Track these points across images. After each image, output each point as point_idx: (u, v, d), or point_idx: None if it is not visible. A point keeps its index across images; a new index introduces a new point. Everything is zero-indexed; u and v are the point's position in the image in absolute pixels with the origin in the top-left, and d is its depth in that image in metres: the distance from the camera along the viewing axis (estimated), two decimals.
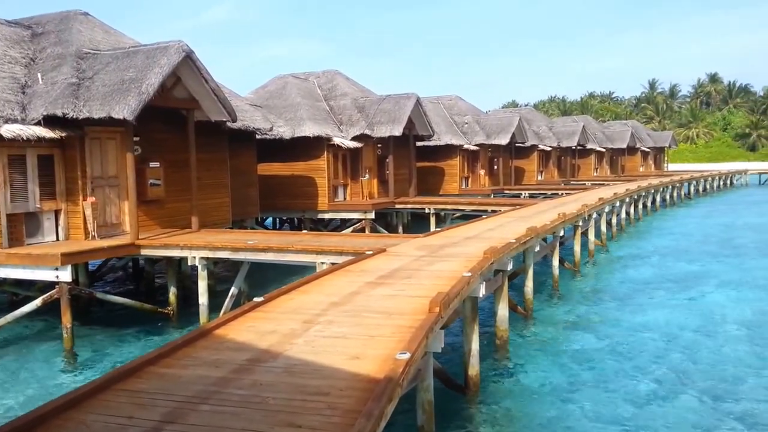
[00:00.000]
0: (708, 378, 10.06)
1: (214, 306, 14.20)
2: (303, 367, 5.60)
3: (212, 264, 15.51)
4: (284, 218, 29.80)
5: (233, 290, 14.56)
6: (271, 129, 21.12)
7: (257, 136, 21.31)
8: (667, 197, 42.63)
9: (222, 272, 18.34)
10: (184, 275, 16.95)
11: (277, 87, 27.63)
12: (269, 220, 30.04)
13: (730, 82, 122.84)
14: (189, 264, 14.64)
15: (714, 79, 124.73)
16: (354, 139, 26.06)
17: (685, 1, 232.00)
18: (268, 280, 16.68)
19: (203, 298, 14.08)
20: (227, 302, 14.34)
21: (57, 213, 14.55)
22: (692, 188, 50.93)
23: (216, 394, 4.98)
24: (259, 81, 29.92)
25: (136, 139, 14.95)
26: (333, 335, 6.59)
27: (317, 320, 7.16)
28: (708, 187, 55.50)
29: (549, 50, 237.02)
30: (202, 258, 14.12)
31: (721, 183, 59.99)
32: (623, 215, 29.44)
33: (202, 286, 14.09)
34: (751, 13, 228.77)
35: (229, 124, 17.89)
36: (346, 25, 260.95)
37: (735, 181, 65.00)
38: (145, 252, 14.71)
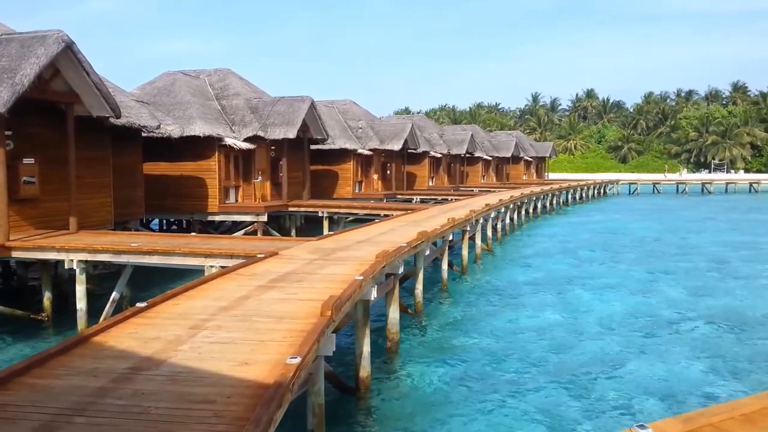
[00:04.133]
0: (579, 370, 10.67)
1: (94, 312, 13.45)
2: (188, 375, 5.42)
3: (92, 267, 14.69)
4: (172, 220, 28.71)
5: (114, 295, 13.86)
6: (158, 127, 20.31)
7: (143, 134, 20.43)
8: (548, 204, 44.88)
9: (102, 276, 17.39)
10: (61, 279, 15.91)
11: (166, 84, 26.61)
12: (155, 221, 28.84)
13: (604, 98, 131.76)
14: (66, 267, 13.78)
15: (590, 94, 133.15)
16: (247, 140, 25.56)
17: (567, 20, 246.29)
18: (152, 284, 16.01)
19: (81, 304, 13.30)
20: (108, 308, 13.65)
21: None
22: (570, 196, 53.93)
23: (93, 405, 4.72)
24: (148, 78, 28.65)
25: (8, 133, 13.94)
26: (221, 341, 6.42)
27: (204, 326, 6.95)
28: (584, 195, 58.98)
29: (441, 60, 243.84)
30: (81, 261, 13.35)
31: (596, 192, 63.94)
32: (508, 221, 30.73)
33: (80, 290, 13.31)
34: (625, 35, 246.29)
35: (112, 120, 17.02)
36: (240, 25, 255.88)
37: (608, 191, 69.48)
38: (16, 254, 13.74)
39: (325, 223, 26.30)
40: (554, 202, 47.02)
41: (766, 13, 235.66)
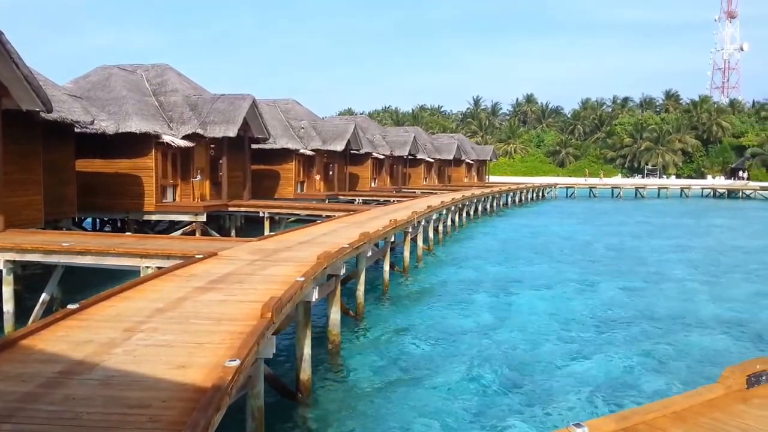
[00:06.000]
0: (516, 369, 10.88)
1: (22, 314, 12.91)
2: (122, 379, 5.24)
3: (20, 268, 14.06)
4: (106, 219, 27.79)
5: (44, 297, 13.33)
6: (92, 122, 19.62)
7: (76, 130, 19.70)
8: (488, 207, 45.67)
9: (32, 277, 16.67)
10: None
11: (101, 78, 25.76)
12: (88, 221, 27.87)
13: (543, 103, 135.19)
14: None
15: (530, 99, 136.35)
16: (185, 137, 24.99)
17: (508, 27, 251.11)
18: (85, 286, 15.45)
19: (8, 306, 12.74)
20: (37, 310, 13.12)
21: None
22: (510, 199, 55.05)
23: (20, 411, 4.51)
24: (79, 72, 27.62)
25: None
26: (157, 343, 6.25)
27: (140, 328, 6.75)
28: (523, 198, 60.28)
29: (384, 62, 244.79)
30: (8, 261, 12.78)
31: (535, 195, 65.47)
32: (449, 222, 31.10)
33: (8, 292, 12.74)
34: (564, 43, 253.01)
35: (43, 115, 16.34)
36: (178, 20, 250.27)
37: (546, 194, 71.27)
38: None
39: (266, 224, 25.99)
40: (495, 204, 47.88)
41: (696, 26, 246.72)
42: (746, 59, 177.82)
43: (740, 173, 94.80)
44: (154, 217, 24.31)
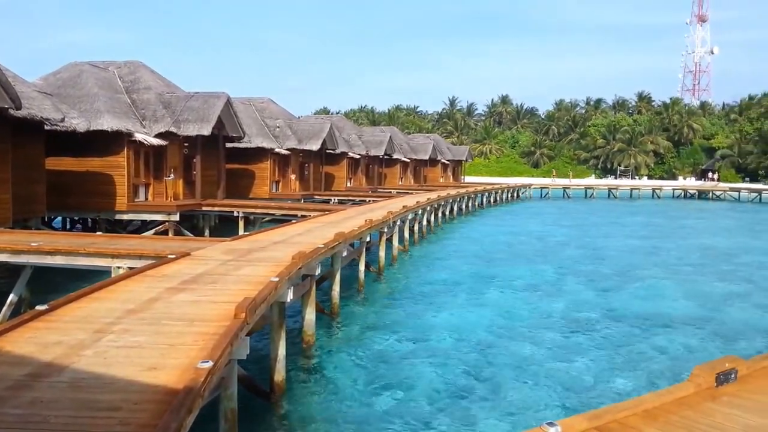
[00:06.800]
0: (490, 368, 10.93)
1: None
2: (92, 381, 5.15)
3: None
4: (76, 219, 27.35)
5: (12, 297, 13.08)
6: (62, 120, 19.29)
7: (46, 127, 19.36)
8: (464, 207, 45.88)
9: None
10: None
11: (72, 75, 25.33)
12: (58, 220, 27.41)
13: (518, 104, 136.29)
14: None
15: (505, 100, 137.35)
16: (158, 136, 24.70)
17: (482, 28, 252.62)
18: (54, 286, 15.17)
19: None
20: (4, 311, 12.89)
21: None
22: (485, 199, 55.35)
23: None
24: (51, 68, 27.12)
25: None
26: (128, 345, 6.15)
27: (110, 329, 6.65)
28: (498, 198, 60.67)
29: (360, 61, 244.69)
30: None
31: (510, 195, 65.93)
32: (425, 222, 31.16)
33: None
34: (539, 45, 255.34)
35: (12, 111, 16.04)
36: (154, 16, 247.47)
37: (521, 194, 71.80)
38: None
39: (241, 224, 25.81)
40: (470, 204, 48.11)
41: (668, 29, 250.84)
42: (717, 62, 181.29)
43: (710, 174, 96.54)
44: (126, 217, 24.00)
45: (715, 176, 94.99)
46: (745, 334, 13.86)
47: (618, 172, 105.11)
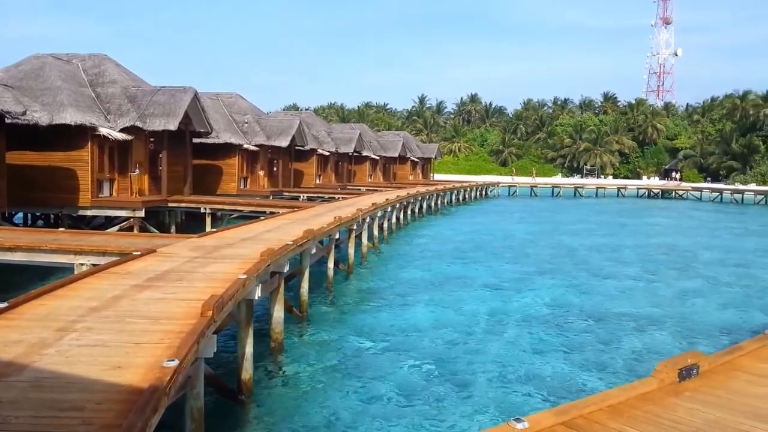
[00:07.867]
0: (458, 366, 11.01)
1: None
2: (54, 381, 5.04)
3: None
4: (38, 214, 26.72)
5: None
6: (24, 113, 18.81)
7: (7, 121, 18.85)
8: (433, 204, 46.06)
9: None
10: None
11: (34, 67, 24.73)
12: (19, 215, 26.77)
13: (487, 103, 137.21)
14: None
15: (474, 99, 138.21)
16: (123, 130, 24.27)
17: (452, 27, 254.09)
18: (15, 284, 14.83)
19: None
20: None
21: None
22: (454, 197, 55.66)
23: None
24: (12, 60, 26.41)
25: None
26: (91, 344, 6.03)
27: (73, 328, 6.51)
28: (467, 196, 61.06)
29: (330, 58, 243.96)
30: None
31: (478, 193, 66.40)
32: (394, 220, 31.20)
33: None
34: (507, 45, 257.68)
35: None
36: (120, 9, 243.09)
37: (489, 192, 72.37)
38: None
39: (208, 220, 25.52)
40: (439, 202, 48.31)
41: (633, 31, 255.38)
42: (680, 64, 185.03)
43: (673, 174, 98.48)
44: (89, 212, 23.53)
45: (678, 176, 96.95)
46: (707, 331, 14.19)
47: (584, 171, 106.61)
